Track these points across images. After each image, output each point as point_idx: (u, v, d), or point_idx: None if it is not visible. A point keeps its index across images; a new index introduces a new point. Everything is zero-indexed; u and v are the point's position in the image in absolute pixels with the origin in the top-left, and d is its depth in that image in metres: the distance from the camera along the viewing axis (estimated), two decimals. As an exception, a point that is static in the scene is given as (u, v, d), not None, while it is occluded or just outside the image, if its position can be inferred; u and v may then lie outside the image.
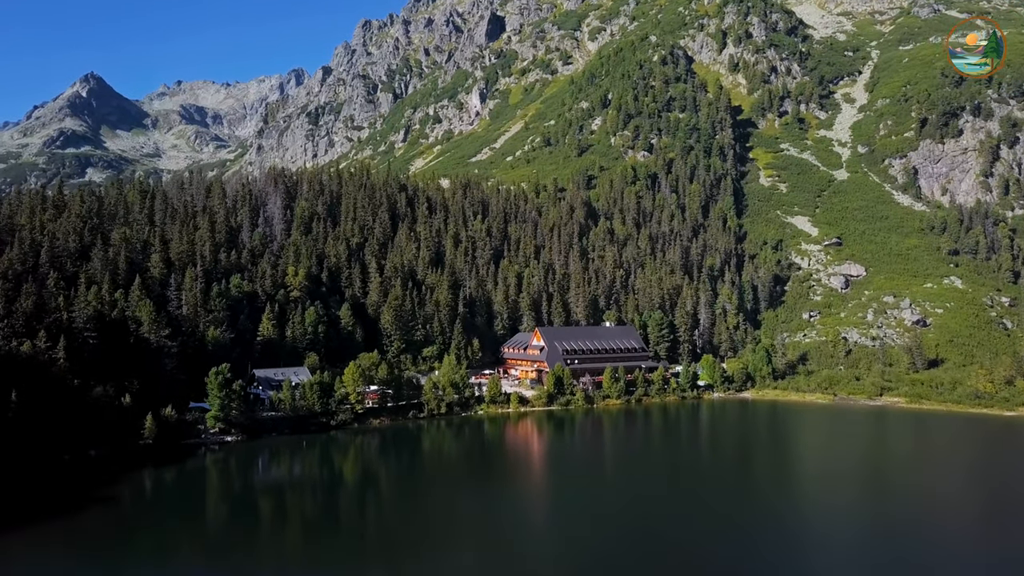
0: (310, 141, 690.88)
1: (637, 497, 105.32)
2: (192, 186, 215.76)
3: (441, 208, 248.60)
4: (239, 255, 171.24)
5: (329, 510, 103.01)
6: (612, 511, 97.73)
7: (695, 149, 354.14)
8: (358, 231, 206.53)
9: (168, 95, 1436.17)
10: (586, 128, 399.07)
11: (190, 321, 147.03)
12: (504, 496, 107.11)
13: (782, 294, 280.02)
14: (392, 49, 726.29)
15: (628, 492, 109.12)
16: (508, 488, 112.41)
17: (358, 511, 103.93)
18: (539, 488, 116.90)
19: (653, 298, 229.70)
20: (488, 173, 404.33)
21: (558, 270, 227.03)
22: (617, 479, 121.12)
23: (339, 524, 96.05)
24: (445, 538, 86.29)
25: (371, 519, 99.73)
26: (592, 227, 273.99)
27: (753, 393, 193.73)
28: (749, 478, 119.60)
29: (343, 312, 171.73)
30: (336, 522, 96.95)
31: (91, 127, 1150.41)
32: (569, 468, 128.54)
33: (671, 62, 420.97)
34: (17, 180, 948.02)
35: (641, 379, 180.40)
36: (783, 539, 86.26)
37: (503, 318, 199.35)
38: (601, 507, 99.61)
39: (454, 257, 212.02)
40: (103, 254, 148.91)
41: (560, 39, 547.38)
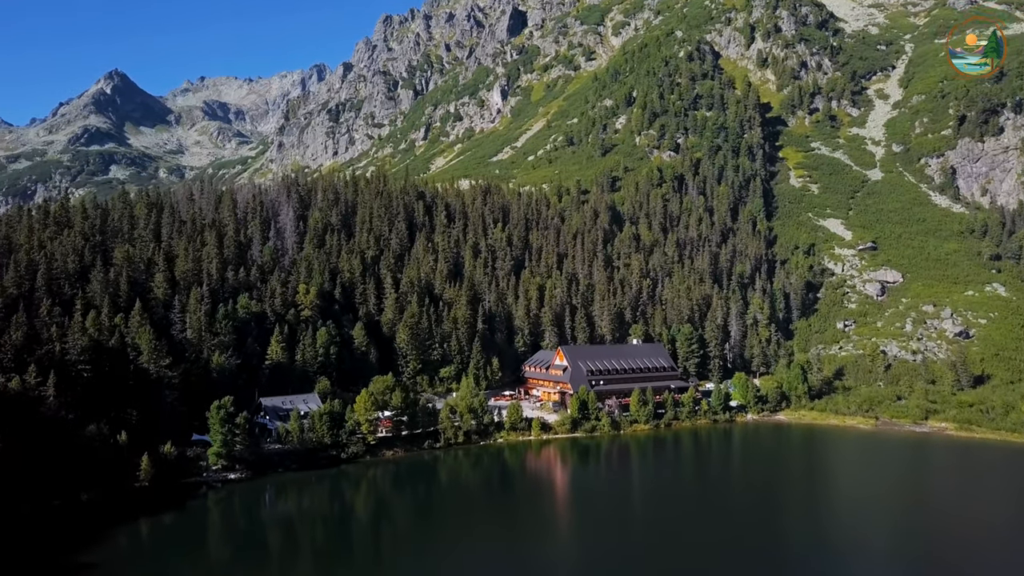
0: (331, 139, 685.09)
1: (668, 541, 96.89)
2: (203, 195, 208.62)
3: (460, 215, 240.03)
4: (248, 272, 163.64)
5: (338, 559, 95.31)
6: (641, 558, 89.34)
7: (723, 149, 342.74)
8: (373, 243, 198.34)
9: (191, 91, 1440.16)
10: (610, 127, 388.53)
11: (194, 346, 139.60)
12: (526, 539, 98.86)
13: (815, 302, 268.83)
14: (413, 45, 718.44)
15: (658, 536, 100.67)
16: (529, 530, 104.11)
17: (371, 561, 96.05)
18: (563, 528, 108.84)
19: (682, 310, 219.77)
20: (509, 174, 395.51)
21: (582, 280, 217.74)
22: (647, 521, 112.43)
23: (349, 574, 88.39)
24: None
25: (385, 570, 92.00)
26: (617, 233, 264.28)
27: (789, 414, 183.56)
28: (791, 524, 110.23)
29: (356, 332, 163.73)
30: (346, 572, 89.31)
31: (115, 124, 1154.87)
32: (595, 506, 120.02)
33: (697, 58, 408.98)
34: (43, 178, 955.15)
35: (670, 401, 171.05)
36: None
37: (524, 334, 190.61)
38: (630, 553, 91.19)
39: (473, 269, 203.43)
40: (103, 276, 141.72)
41: (583, 34, 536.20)
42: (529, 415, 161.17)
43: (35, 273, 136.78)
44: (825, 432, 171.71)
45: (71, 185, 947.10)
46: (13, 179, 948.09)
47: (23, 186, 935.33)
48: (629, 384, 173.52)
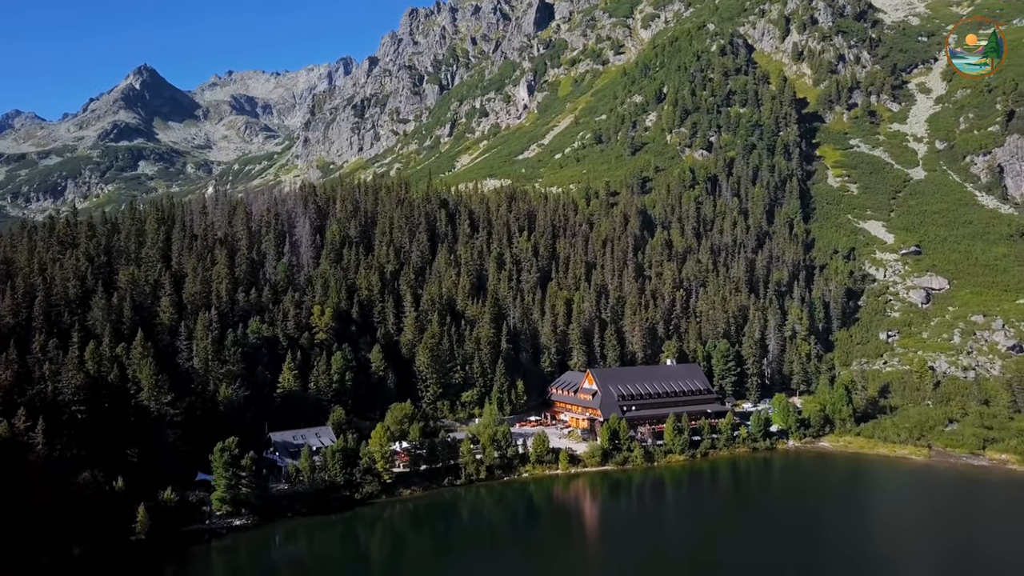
0: (356, 135, 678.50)
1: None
2: (217, 206, 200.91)
3: (484, 223, 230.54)
4: (259, 293, 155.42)
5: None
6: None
7: (757, 148, 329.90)
8: (393, 256, 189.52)
9: (219, 85, 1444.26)
10: (639, 124, 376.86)
11: (200, 377, 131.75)
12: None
13: (855, 310, 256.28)
14: (439, 38, 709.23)
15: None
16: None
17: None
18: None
19: (717, 324, 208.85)
20: (535, 173, 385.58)
21: (611, 292, 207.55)
22: (683, 571, 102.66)
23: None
24: None
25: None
26: (648, 239, 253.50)
27: (833, 441, 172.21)
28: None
29: (374, 355, 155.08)
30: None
31: (144, 119, 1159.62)
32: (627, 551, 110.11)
33: (730, 52, 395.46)
34: (73, 174, 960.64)
35: (707, 428, 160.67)
36: None
37: (551, 353, 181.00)
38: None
39: (497, 283, 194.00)
40: (105, 302, 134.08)
41: (611, 27, 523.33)
42: (556, 445, 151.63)
43: (33, 300, 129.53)
44: (873, 465, 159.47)
45: (100, 181, 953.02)
46: (44, 175, 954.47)
47: (53, 182, 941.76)
48: (663, 409, 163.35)
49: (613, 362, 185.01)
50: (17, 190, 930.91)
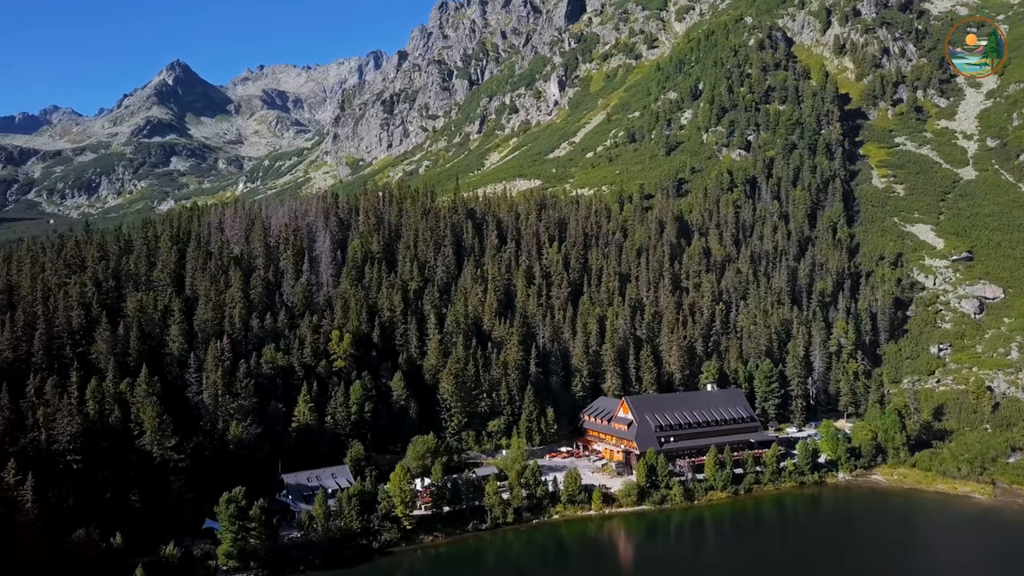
0: (385, 131, 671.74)
1: None
2: (237, 218, 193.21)
3: (513, 232, 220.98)
4: (275, 318, 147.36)
5: None
6: None
7: (798, 147, 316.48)
8: (417, 272, 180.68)
9: (251, 79, 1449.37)
10: (674, 122, 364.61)
11: (210, 414, 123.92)
12: None
13: (904, 321, 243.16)
14: (468, 32, 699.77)
15: None
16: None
17: None
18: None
19: (759, 341, 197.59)
20: (566, 172, 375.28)
21: (647, 308, 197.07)
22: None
23: None
24: None
25: None
26: (685, 247, 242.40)
27: (886, 473, 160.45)
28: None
29: (395, 383, 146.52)
30: None
31: (176, 115, 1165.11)
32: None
33: (769, 46, 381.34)
34: (107, 170, 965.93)
35: (751, 461, 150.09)
36: None
37: (582, 376, 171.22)
38: None
39: (526, 299, 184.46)
40: (110, 333, 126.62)
41: (644, 20, 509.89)
42: (589, 481, 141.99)
43: (35, 332, 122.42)
44: (932, 505, 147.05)
45: (133, 177, 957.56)
46: (79, 172, 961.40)
47: (88, 179, 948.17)
48: (703, 440, 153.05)
49: (649, 385, 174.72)
50: (53, 187, 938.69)
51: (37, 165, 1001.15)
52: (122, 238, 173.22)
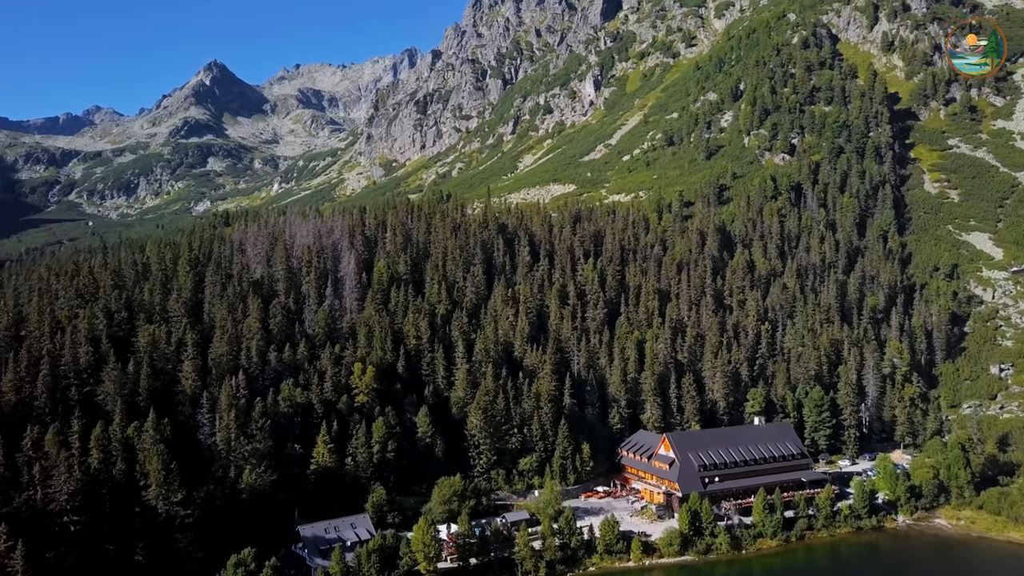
0: (418, 131, 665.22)
1: None
2: (260, 238, 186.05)
3: (546, 246, 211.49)
4: (294, 350, 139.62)
5: None
6: None
7: (845, 151, 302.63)
8: (445, 295, 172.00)
9: (287, 79, 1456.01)
10: (715, 125, 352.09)
11: (222, 459, 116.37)
12: None
13: (961, 338, 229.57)
14: (502, 30, 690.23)
15: None
16: None
17: None
18: None
19: (808, 364, 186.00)
20: (602, 176, 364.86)
21: (688, 330, 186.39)
22: None
23: None
24: None
25: None
26: (727, 260, 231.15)
27: (950, 516, 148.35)
28: None
29: (420, 419, 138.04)
30: None
31: (213, 115, 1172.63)
32: None
33: (813, 44, 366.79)
34: (145, 171, 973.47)
35: (803, 503, 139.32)
36: None
37: (620, 406, 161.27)
38: None
39: (559, 322, 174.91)
40: (119, 372, 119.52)
41: (683, 17, 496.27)
42: (627, 527, 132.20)
43: (39, 373, 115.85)
44: (1006, 558, 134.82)
45: (171, 178, 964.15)
46: (118, 173, 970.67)
47: (127, 180, 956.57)
48: (750, 480, 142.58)
49: (691, 416, 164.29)
50: (93, 188, 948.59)
51: (78, 166, 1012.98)
52: (139, 262, 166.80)
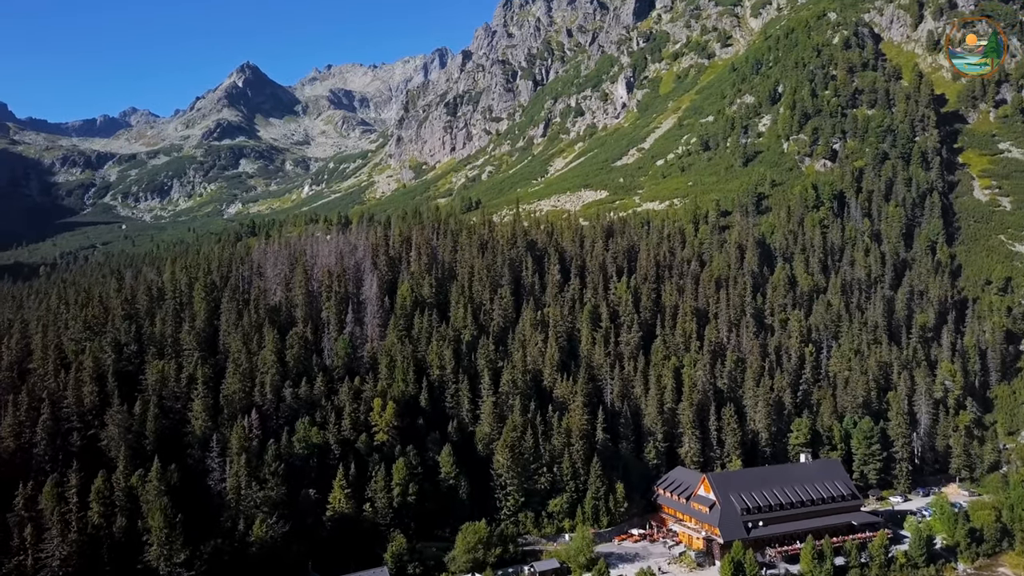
0: (448, 134, 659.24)
1: None
2: (280, 259, 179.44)
3: (577, 263, 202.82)
4: (311, 385, 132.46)
5: None
6: None
7: (890, 156, 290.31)
8: (471, 319, 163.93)
9: (319, 79, 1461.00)
10: (752, 129, 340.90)
11: (231, 508, 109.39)
12: None
13: (1017, 357, 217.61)
14: (533, 30, 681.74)
15: None
16: None
17: None
18: None
19: (856, 391, 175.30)
20: (635, 182, 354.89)
21: (729, 353, 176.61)
22: None
23: None
24: None
25: None
26: (768, 275, 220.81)
27: (1015, 565, 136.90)
28: None
29: (443, 458, 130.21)
30: None
31: (246, 117, 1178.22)
32: None
33: (855, 44, 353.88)
34: (178, 173, 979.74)
35: (854, 551, 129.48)
36: None
37: (656, 440, 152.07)
38: None
39: (591, 347, 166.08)
40: (125, 415, 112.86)
41: (718, 17, 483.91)
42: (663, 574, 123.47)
43: (39, 416, 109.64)
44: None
45: (204, 180, 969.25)
46: (152, 175, 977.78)
47: (160, 182, 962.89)
48: (797, 524, 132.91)
49: (732, 450, 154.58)
50: (127, 190, 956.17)
51: (113, 168, 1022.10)
52: (154, 287, 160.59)
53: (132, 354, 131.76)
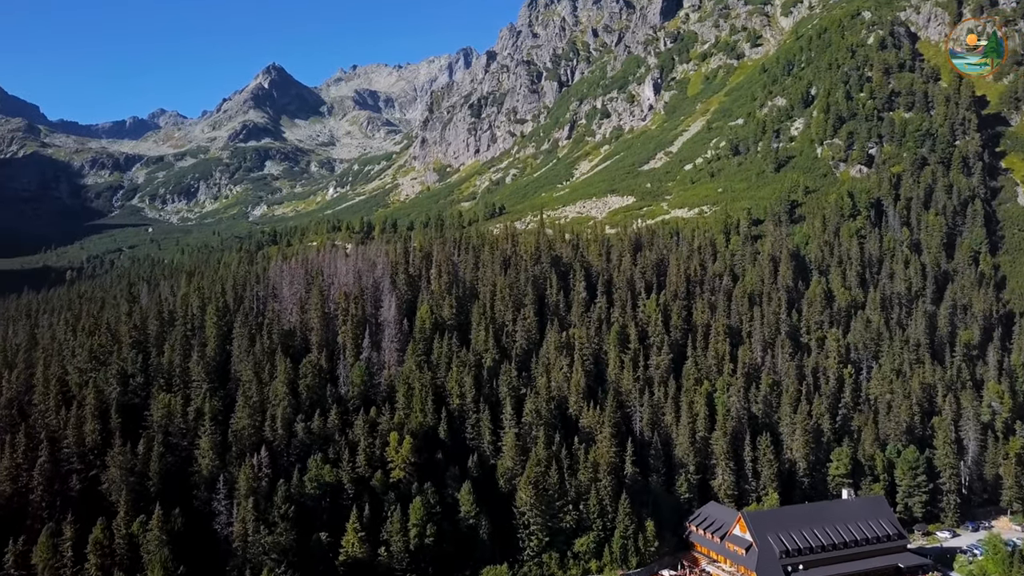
0: (472, 135, 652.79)
1: None
2: (296, 279, 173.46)
3: (604, 278, 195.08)
4: (324, 417, 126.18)
5: None
6: None
7: (929, 162, 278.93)
8: (493, 343, 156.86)
9: (344, 80, 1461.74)
10: (784, 133, 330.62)
11: (238, 556, 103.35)
12: None
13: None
14: (558, 30, 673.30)
15: None
16: None
17: None
18: None
19: (899, 416, 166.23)
20: (663, 188, 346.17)
21: (763, 376, 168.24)
22: None
23: None
24: None
25: None
26: (803, 289, 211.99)
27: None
28: None
29: (463, 496, 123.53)
30: None
31: (271, 118, 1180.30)
32: None
33: (891, 44, 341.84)
34: (204, 175, 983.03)
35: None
36: None
37: (688, 472, 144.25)
38: None
39: (619, 372, 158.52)
40: (128, 455, 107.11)
41: (747, 16, 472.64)
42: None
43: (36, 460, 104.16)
44: None
45: (230, 182, 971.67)
46: (179, 177, 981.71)
47: (187, 184, 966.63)
48: (839, 566, 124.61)
49: (768, 482, 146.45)
50: (155, 192, 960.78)
51: (141, 171, 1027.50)
52: (166, 309, 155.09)
53: (138, 386, 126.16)
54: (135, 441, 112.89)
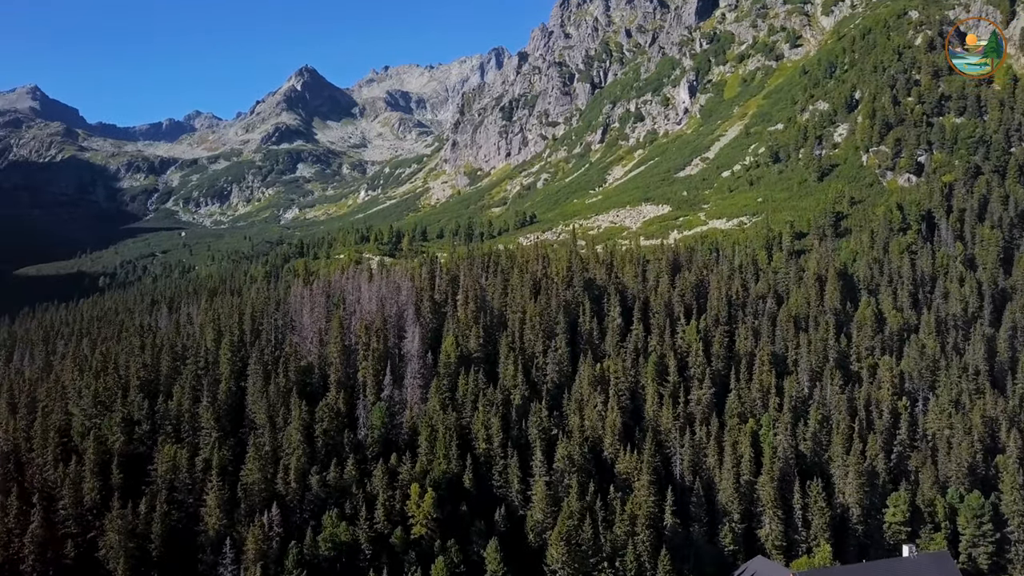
0: (503, 139, 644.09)
1: None
2: (318, 299, 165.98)
3: (640, 301, 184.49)
4: (341, 467, 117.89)
5: None
6: None
7: (983, 171, 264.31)
8: (522, 377, 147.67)
9: (376, 81, 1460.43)
10: (827, 139, 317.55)
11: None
12: None
13: None
14: (591, 31, 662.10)
15: None
16: None
17: None
18: None
19: (960, 455, 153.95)
20: (699, 196, 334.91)
21: (812, 411, 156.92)
22: None
23: None
24: None
25: None
26: (851, 311, 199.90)
27: None
28: None
29: (490, 554, 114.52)
30: None
31: (304, 120, 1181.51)
32: None
33: (941, 45, 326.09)
34: (237, 178, 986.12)
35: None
36: None
37: (732, 521, 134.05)
38: None
39: (657, 409, 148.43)
40: (128, 517, 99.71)
41: (786, 15, 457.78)
42: None
43: (27, 525, 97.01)
44: None
45: (262, 185, 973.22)
46: (212, 180, 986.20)
47: (220, 187, 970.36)
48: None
49: (820, 532, 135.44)
50: (188, 195, 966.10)
51: (175, 174, 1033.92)
52: (179, 342, 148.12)
53: (144, 434, 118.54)
54: (137, 497, 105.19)
